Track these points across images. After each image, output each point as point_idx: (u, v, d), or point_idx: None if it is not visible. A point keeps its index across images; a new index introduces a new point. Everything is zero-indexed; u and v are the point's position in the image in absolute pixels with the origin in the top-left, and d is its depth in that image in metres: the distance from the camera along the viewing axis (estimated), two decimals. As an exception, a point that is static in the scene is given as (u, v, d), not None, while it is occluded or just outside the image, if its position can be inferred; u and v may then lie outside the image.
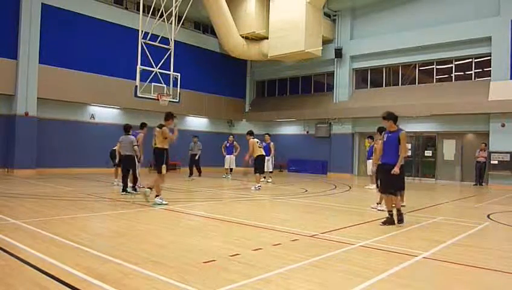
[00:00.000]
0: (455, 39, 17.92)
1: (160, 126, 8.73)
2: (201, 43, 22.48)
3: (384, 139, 7.17)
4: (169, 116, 8.82)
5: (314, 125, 22.62)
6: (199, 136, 17.80)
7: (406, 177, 9.52)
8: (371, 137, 14.67)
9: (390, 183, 6.98)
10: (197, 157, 16.81)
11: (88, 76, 17.53)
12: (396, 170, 6.82)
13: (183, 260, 4.32)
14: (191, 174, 16.38)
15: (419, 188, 15.30)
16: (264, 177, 15.63)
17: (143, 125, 12.10)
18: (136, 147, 10.32)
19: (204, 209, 8.54)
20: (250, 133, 13.27)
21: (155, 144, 8.76)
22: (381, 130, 9.26)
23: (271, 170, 16.13)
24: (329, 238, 5.53)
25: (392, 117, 7.09)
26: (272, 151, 16.11)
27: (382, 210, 8.46)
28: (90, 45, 17.68)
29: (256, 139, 13.02)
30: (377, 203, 8.74)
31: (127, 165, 10.33)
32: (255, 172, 12.89)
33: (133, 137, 10.44)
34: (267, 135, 16.59)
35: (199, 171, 17.15)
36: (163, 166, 8.48)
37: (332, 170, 21.34)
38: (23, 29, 15.68)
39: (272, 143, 16.18)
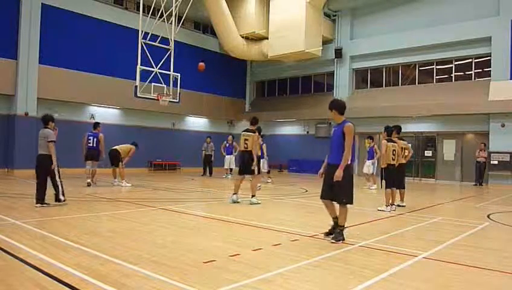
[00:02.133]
0: (455, 39, 17.93)
1: (249, 130, 9.47)
2: (201, 43, 22.49)
3: (330, 134, 5.90)
4: (257, 122, 9.59)
5: (314, 125, 22.62)
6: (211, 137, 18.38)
7: (406, 178, 9.59)
8: (371, 137, 14.69)
9: (333, 191, 5.45)
10: (212, 158, 17.35)
11: (88, 76, 17.54)
12: (338, 174, 5.27)
13: (183, 260, 4.32)
14: (204, 173, 16.87)
15: (419, 188, 15.30)
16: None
17: (96, 125, 12.60)
18: (51, 143, 8.13)
19: (205, 209, 8.54)
20: (258, 130, 13.02)
21: (246, 148, 9.39)
22: (388, 130, 8.88)
23: (267, 170, 15.91)
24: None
25: (334, 106, 5.62)
26: (265, 152, 15.95)
27: (382, 210, 8.49)
28: (90, 45, 17.68)
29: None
30: (386, 206, 8.54)
31: (41, 168, 8.10)
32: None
33: (49, 131, 8.27)
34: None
35: (210, 172, 17.48)
36: (256, 168, 9.50)
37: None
38: (23, 29, 15.69)
39: (264, 144, 16.02)
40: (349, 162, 5.42)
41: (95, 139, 12.33)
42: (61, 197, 8.05)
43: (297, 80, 24.53)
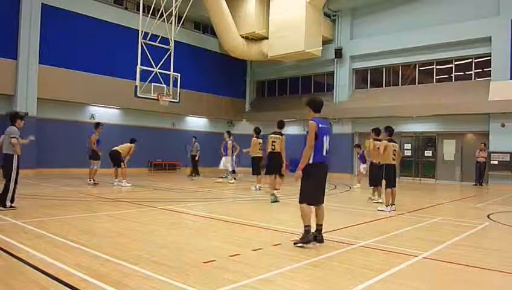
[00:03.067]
0: (455, 39, 17.92)
1: (276, 133, 10.20)
2: (201, 43, 22.49)
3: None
4: (283, 125, 10.51)
5: (314, 126, 22.58)
6: (197, 137, 18.05)
7: (406, 178, 9.61)
8: (358, 146, 15.01)
9: (301, 191, 5.20)
10: (197, 158, 17.07)
11: (88, 76, 17.54)
12: (296, 174, 5.18)
13: (183, 260, 4.32)
14: (191, 174, 16.76)
15: (419, 188, 15.32)
16: (226, 174, 16.31)
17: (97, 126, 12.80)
18: (14, 140, 7.40)
19: (205, 209, 8.54)
20: (257, 131, 13.00)
21: (273, 149, 10.11)
22: (389, 130, 8.91)
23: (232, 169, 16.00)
24: (330, 238, 5.52)
25: (308, 103, 5.42)
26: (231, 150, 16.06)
27: (382, 210, 8.49)
28: (90, 45, 17.68)
29: (260, 140, 12.85)
30: (386, 206, 8.57)
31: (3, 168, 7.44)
32: (253, 173, 12.84)
33: (12, 128, 7.56)
34: (226, 134, 16.44)
35: (196, 172, 17.21)
36: (284, 169, 10.43)
37: (332, 170, 21.21)
38: (23, 29, 15.69)
39: (229, 142, 16.01)
40: (310, 161, 5.09)
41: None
42: (7, 203, 7.34)
43: (297, 80, 24.52)
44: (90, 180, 12.69)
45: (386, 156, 8.66)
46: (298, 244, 5.06)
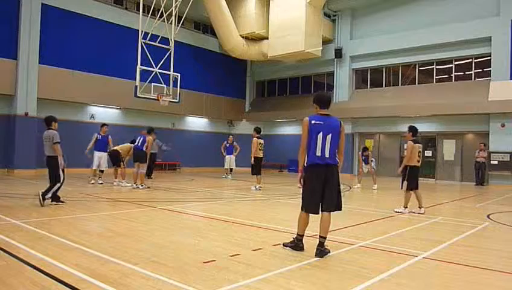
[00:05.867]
0: (455, 39, 17.92)
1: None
2: (201, 43, 22.48)
3: None
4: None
5: (314, 126, 22.58)
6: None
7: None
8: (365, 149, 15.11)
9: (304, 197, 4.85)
10: (155, 158, 15.99)
11: (88, 76, 17.53)
12: (298, 177, 4.95)
13: (183, 260, 4.32)
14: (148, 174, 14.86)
15: (419, 188, 15.28)
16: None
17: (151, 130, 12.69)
18: (57, 146, 8.24)
19: (205, 209, 8.54)
20: (257, 130, 12.97)
21: None
22: (413, 129, 8.64)
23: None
24: (329, 238, 5.51)
25: (314, 99, 4.94)
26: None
27: (400, 212, 8.39)
28: (90, 45, 17.68)
29: (260, 140, 12.84)
30: (405, 207, 8.48)
31: (49, 170, 8.20)
32: (252, 173, 12.85)
33: (52, 132, 8.38)
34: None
35: (149, 173, 15.20)
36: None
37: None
38: (23, 29, 15.68)
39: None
40: (305, 164, 4.79)
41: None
42: (48, 195, 7.95)
43: (297, 80, 24.52)
44: (136, 185, 11.99)
45: (411, 158, 8.49)
46: (286, 248, 4.90)
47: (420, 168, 8.80)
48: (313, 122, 4.75)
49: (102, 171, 12.86)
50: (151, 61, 15.82)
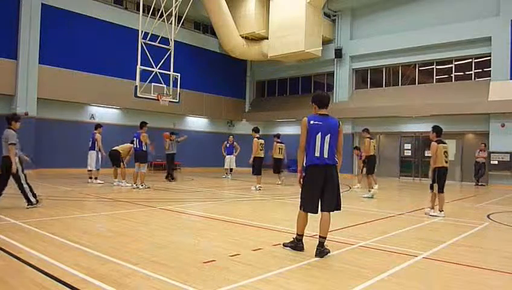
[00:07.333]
0: (455, 39, 17.92)
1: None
2: (201, 43, 22.48)
3: None
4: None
5: (314, 126, 22.57)
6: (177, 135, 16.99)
7: (406, 177, 9.58)
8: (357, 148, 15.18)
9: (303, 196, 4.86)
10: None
11: (88, 76, 17.53)
12: (297, 178, 4.96)
13: (183, 260, 4.32)
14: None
15: (419, 188, 15.33)
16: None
17: (143, 125, 12.40)
18: (10, 146, 7.39)
19: (205, 209, 8.54)
20: (256, 130, 12.94)
21: None
22: (437, 130, 8.29)
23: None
24: (329, 238, 5.51)
25: (312, 99, 4.93)
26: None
27: (435, 215, 8.01)
28: (90, 45, 17.67)
29: (261, 140, 12.82)
30: (430, 208, 8.23)
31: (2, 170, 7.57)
32: (253, 173, 12.84)
33: (9, 132, 7.50)
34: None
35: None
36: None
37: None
38: (23, 29, 15.67)
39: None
40: (304, 165, 4.78)
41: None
42: (32, 199, 7.57)
43: (297, 80, 24.51)
44: (136, 185, 11.93)
45: (438, 159, 8.10)
46: (286, 248, 4.91)
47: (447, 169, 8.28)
48: (311, 122, 4.74)
49: (90, 170, 13.06)
50: (151, 61, 15.81)
